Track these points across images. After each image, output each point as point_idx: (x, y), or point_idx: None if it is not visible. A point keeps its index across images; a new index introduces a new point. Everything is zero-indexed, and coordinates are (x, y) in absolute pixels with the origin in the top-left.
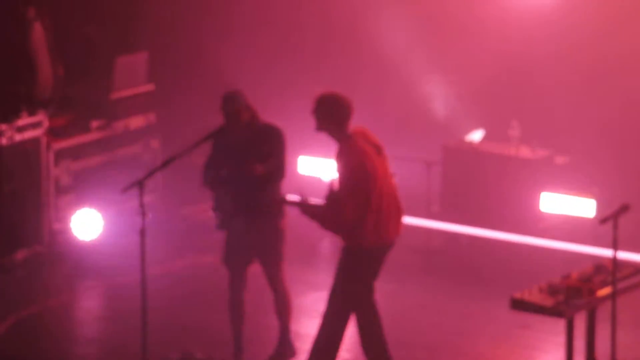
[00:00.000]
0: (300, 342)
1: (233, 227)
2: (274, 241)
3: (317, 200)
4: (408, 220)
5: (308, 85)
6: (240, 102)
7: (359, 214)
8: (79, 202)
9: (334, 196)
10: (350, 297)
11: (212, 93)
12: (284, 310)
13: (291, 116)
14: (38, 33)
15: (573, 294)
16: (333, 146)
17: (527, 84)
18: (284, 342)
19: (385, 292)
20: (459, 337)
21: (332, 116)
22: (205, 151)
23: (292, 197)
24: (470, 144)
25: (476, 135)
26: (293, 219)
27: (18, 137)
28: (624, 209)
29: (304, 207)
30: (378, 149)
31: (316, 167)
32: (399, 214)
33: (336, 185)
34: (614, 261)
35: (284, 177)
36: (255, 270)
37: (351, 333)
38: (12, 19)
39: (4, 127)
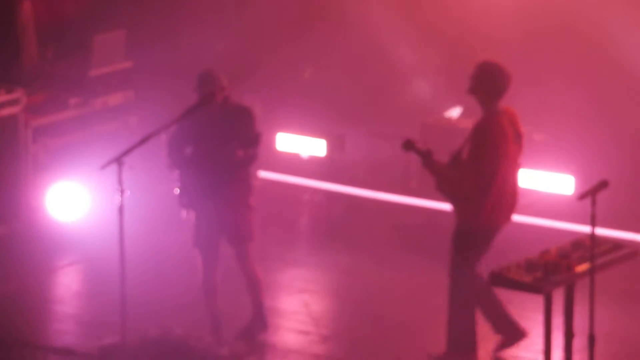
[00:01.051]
0: (280, 318)
1: (201, 207)
2: (243, 220)
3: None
4: (387, 196)
5: (287, 63)
6: (215, 83)
7: (479, 187)
8: (57, 179)
9: (459, 161)
10: (463, 274)
11: (190, 70)
12: (254, 288)
13: (269, 93)
14: (26, 12)
15: (551, 270)
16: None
17: (505, 61)
18: (257, 318)
19: (363, 268)
20: (437, 312)
21: (489, 85)
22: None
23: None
24: (449, 120)
25: (454, 112)
26: (272, 196)
27: None
28: (603, 185)
29: (428, 159)
30: (518, 136)
31: (294, 144)
32: (514, 204)
33: (464, 152)
34: (592, 237)
35: (257, 158)
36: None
37: (329, 308)
38: None
39: None
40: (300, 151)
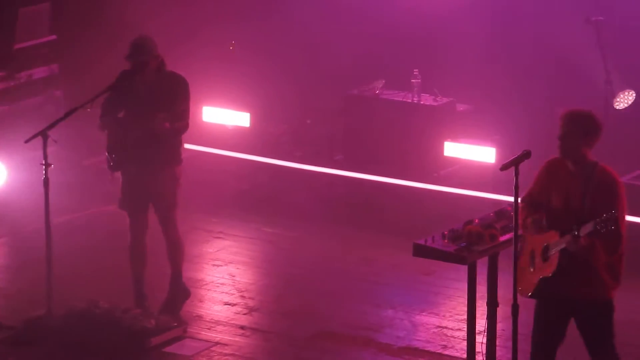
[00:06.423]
0: (204, 289)
1: (128, 172)
2: (168, 187)
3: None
4: (312, 168)
5: (212, 35)
6: (148, 51)
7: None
8: None
9: (608, 226)
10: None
11: (115, 42)
12: (176, 256)
13: (195, 66)
14: None
15: (475, 240)
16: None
17: (429, 34)
18: (176, 286)
19: (289, 240)
20: (362, 283)
21: (585, 137)
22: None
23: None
24: (372, 92)
25: (378, 84)
26: (197, 168)
27: None
28: (526, 155)
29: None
30: None
31: (219, 116)
32: None
33: (584, 202)
34: (516, 207)
35: (187, 128)
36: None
37: (254, 279)
38: None
39: None
40: (225, 123)
